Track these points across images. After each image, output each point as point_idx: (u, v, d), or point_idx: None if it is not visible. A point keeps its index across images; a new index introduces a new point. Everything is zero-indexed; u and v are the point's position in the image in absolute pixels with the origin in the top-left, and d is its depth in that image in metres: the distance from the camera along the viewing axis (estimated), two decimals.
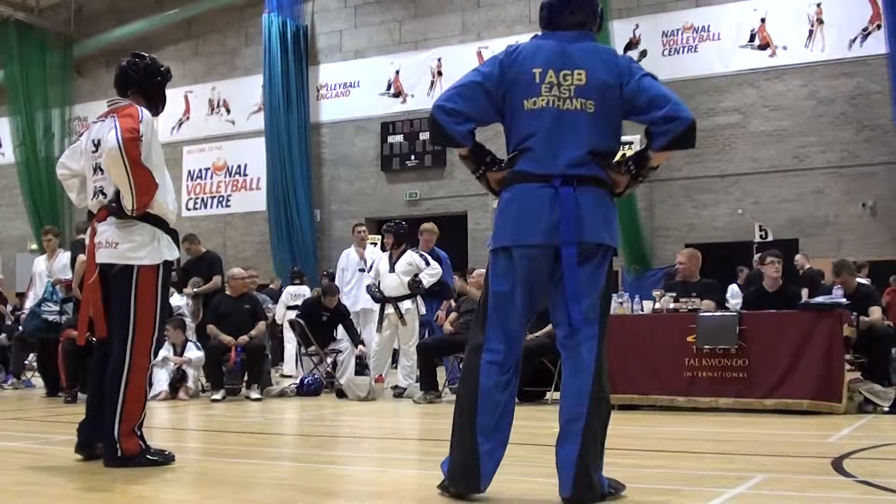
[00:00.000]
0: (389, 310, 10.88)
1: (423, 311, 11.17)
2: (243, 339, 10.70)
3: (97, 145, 5.29)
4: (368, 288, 11.22)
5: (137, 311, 5.20)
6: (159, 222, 5.35)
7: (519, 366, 4.09)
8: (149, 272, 5.26)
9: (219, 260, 12.52)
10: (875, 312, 9.28)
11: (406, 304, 10.87)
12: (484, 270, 4.52)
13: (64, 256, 11.56)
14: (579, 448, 3.87)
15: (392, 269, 10.92)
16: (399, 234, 11.13)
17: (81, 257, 11.00)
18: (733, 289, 14.27)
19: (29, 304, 11.71)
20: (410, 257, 10.97)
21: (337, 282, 12.58)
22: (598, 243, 4.00)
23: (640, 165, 4.13)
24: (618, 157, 4.19)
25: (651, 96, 4.02)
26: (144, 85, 5.55)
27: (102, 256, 5.30)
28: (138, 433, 5.18)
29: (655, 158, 4.12)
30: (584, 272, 3.97)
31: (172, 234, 5.46)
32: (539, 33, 4.28)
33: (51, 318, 10.93)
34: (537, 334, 9.05)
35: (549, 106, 4.00)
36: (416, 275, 10.83)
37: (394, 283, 10.86)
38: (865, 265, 14.39)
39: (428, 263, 10.97)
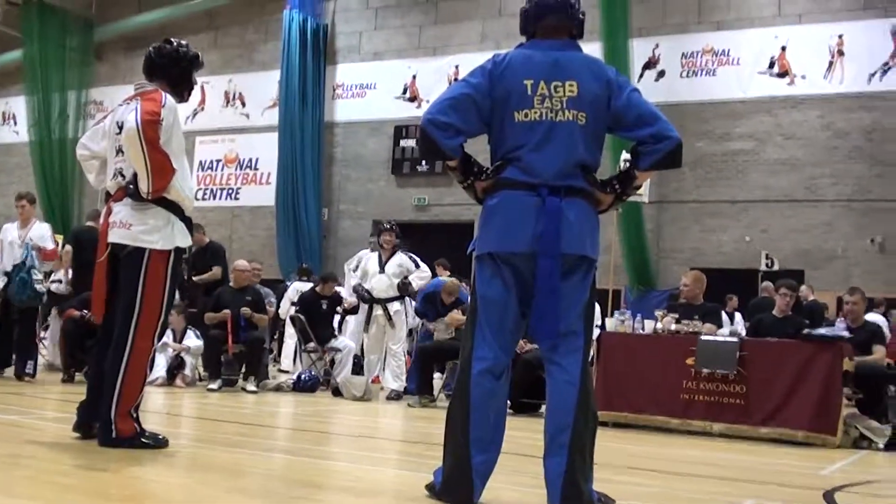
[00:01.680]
0: (378, 311, 10.90)
1: (411, 315, 11.18)
2: (246, 311, 10.73)
3: (121, 127, 5.32)
4: (355, 288, 11.25)
5: (145, 294, 5.22)
6: (175, 208, 5.36)
7: (509, 371, 4.07)
8: (160, 257, 5.27)
9: (222, 251, 12.56)
10: (878, 352, 9.20)
11: (395, 306, 10.90)
12: None
13: (40, 227, 10.65)
14: (567, 459, 3.85)
15: (382, 270, 10.95)
16: (399, 234, 11.18)
17: (69, 248, 10.99)
18: (737, 317, 14.29)
19: None
20: (401, 259, 11.02)
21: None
22: (582, 255, 3.98)
23: (625, 184, 4.13)
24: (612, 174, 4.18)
25: (639, 113, 4.00)
26: (168, 71, 5.56)
27: (115, 236, 5.31)
28: (134, 415, 5.19)
29: (640, 178, 4.12)
30: (567, 284, 3.95)
31: (187, 221, 5.47)
32: (523, 42, 4.22)
33: (39, 286, 10.25)
34: (535, 346, 9.04)
35: (543, 118, 3.96)
36: (406, 277, 10.87)
37: (383, 285, 10.89)
38: (883, 302, 14.29)
39: (418, 266, 11.01)
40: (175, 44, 5.65)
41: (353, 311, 12.03)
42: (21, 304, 10.30)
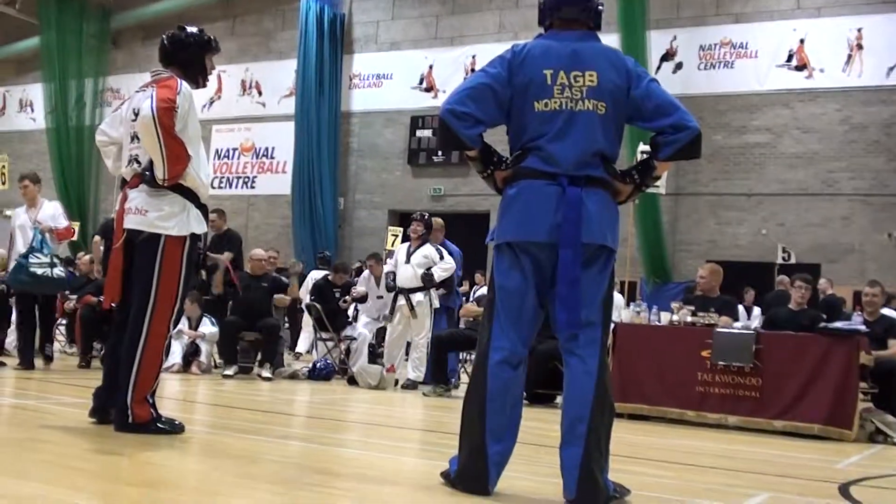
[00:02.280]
0: (402, 301, 10.90)
1: (436, 304, 11.15)
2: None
3: (136, 114, 5.33)
4: (386, 276, 11.26)
5: (160, 280, 5.23)
6: (190, 195, 5.37)
7: (526, 362, 4.07)
8: (175, 243, 5.28)
9: (239, 239, 12.57)
10: (894, 346, 9.16)
11: (418, 297, 10.87)
12: None
13: (50, 206, 10.02)
14: (583, 450, 3.84)
15: (408, 261, 10.94)
16: (428, 224, 11.14)
17: (96, 238, 10.96)
18: (756, 311, 14.23)
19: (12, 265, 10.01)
20: (427, 250, 10.99)
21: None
22: (602, 245, 3.97)
23: (645, 175, 4.11)
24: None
25: (658, 103, 3.99)
26: (180, 57, 5.57)
27: (130, 222, 5.33)
28: (150, 401, 5.21)
29: (660, 168, 4.10)
30: (587, 275, 3.93)
31: (203, 208, 5.48)
32: (542, 33, 4.21)
33: (40, 271, 9.51)
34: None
35: (563, 108, 3.95)
36: (430, 268, 10.84)
37: (408, 275, 10.87)
38: None
39: (442, 258, 10.98)
40: (188, 30, 5.66)
41: (362, 299, 12.06)
42: (16, 289, 9.95)
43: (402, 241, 12.08)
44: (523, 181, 4.00)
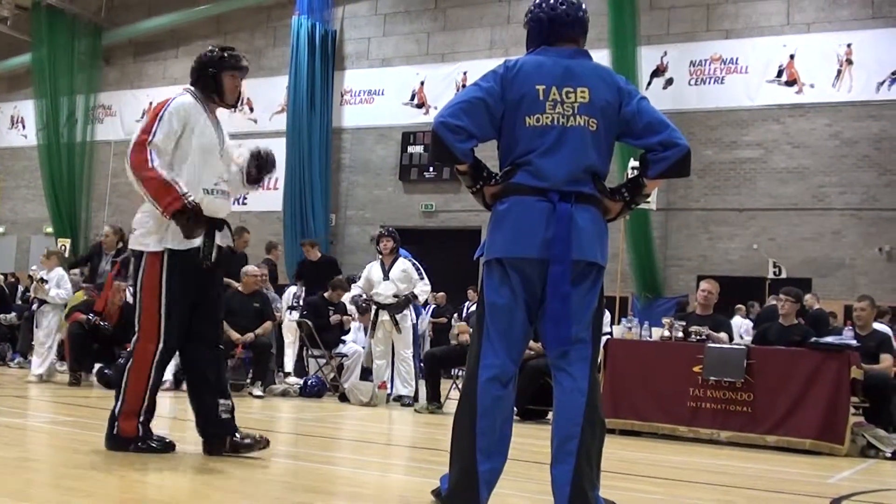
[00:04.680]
0: (384, 317, 10.89)
1: (414, 319, 11.15)
2: (249, 336, 10.72)
3: None
4: (354, 299, 11.23)
5: (142, 296, 5.23)
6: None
7: (516, 379, 4.05)
8: (153, 259, 5.23)
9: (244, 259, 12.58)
10: (886, 361, 9.17)
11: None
12: None
13: None
14: (574, 467, 3.82)
15: (386, 277, 10.93)
16: (397, 238, 11.17)
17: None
18: (746, 324, 14.25)
19: None
20: (404, 265, 11.01)
21: None
22: (592, 262, 3.96)
23: (634, 193, 4.11)
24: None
25: (649, 121, 3.98)
26: (196, 76, 5.60)
27: (129, 242, 5.42)
28: (141, 418, 5.19)
29: (649, 186, 4.10)
30: (577, 291, 3.91)
31: (215, 223, 5.35)
32: (533, 49, 4.19)
33: None
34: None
35: (555, 123, 3.94)
36: (411, 292, 10.85)
37: (389, 291, 10.86)
38: (888, 312, 14.25)
39: (421, 276, 10.97)
40: (209, 48, 5.68)
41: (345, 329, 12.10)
42: None
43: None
44: (513, 197, 3.99)
